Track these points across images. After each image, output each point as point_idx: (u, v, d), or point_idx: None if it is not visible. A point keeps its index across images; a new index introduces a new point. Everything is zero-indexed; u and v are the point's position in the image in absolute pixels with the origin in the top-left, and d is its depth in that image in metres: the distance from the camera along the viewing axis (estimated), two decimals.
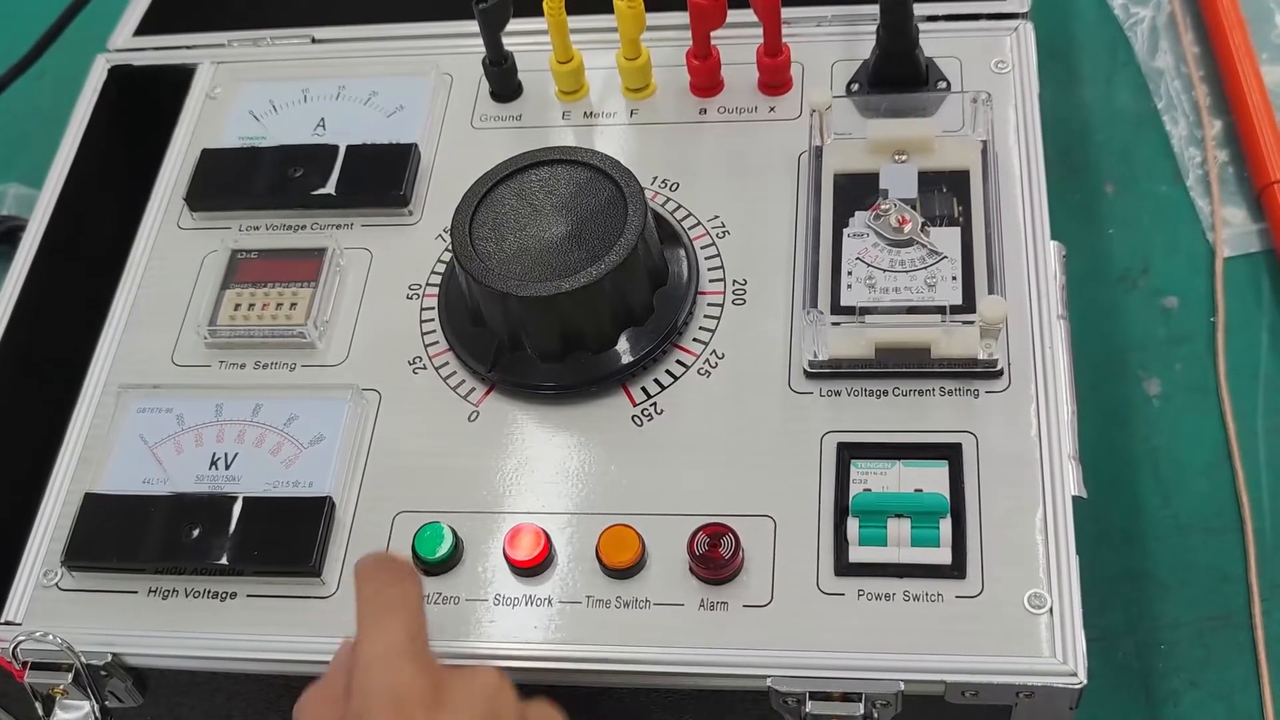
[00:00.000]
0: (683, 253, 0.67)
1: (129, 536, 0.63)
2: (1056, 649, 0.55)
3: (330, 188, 0.73)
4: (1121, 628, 0.70)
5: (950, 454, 0.60)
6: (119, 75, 0.83)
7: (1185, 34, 0.92)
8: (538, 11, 0.73)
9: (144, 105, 0.82)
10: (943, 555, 0.58)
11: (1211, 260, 0.82)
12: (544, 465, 0.63)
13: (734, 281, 0.68)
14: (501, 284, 0.62)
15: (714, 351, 0.65)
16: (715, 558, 0.58)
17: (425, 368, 0.67)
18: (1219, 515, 0.73)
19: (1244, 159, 0.85)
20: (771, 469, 0.61)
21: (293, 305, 0.69)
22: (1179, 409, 0.77)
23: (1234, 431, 0.75)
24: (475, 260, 0.63)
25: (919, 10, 0.72)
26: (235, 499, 0.63)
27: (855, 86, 0.73)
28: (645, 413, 0.64)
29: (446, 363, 0.67)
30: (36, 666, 0.61)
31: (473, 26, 0.74)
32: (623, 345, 0.64)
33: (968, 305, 0.62)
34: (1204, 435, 0.76)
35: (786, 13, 0.71)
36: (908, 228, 0.65)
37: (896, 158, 0.68)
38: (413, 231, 0.72)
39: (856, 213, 0.66)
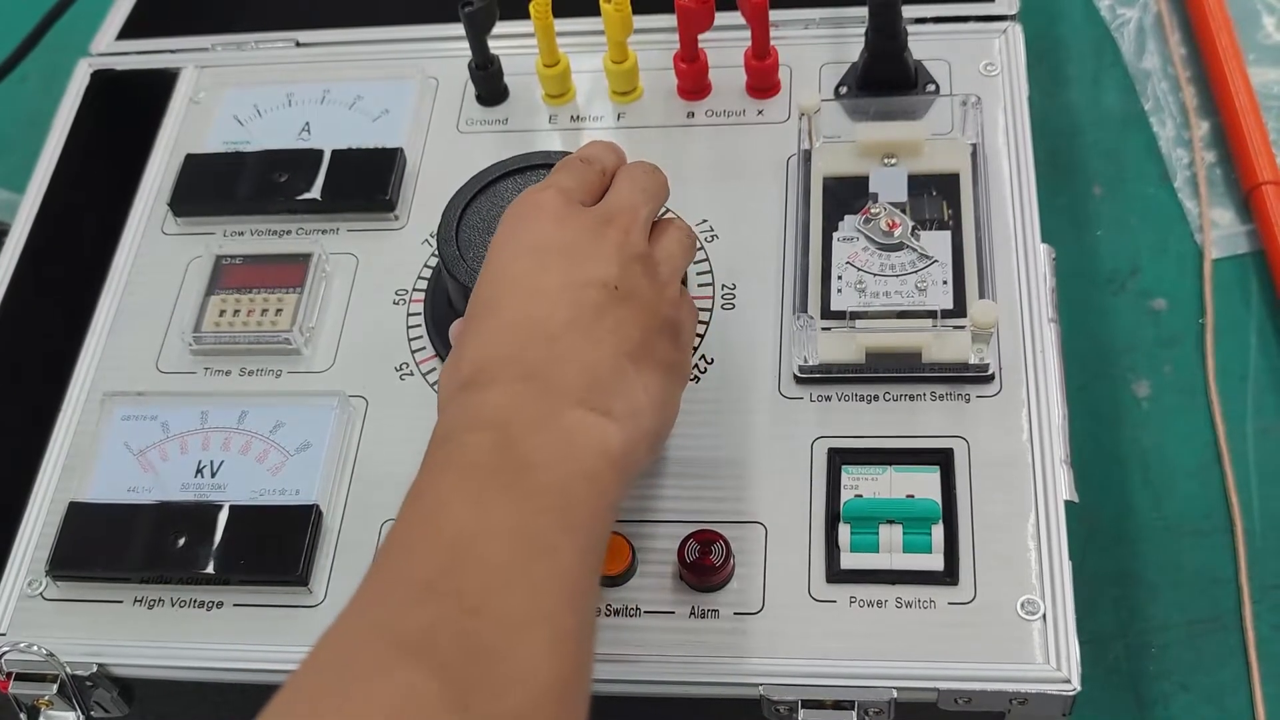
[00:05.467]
0: None
1: (114, 545, 0.62)
2: (1050, 655, 0.55)
3: (315, 192, 0.73)
4: (1112, 630, 0.70)
5: (942, 459, 0.60)
6: (102, 79, 0.82)
7: (1172, 35, 0.91)
8: (524, 14, 0.72)
9: (127, 109, 0.82)
10: (935, 561, 0.57)
11: (1200, 262, 0.82)
12: None
13: (723, 286, 0.67)
14: (471, 280, 0.61)
15: (703, 356, 0.65)
16: (706, 565, 0.58)
17: (412, 374, 0.67)
18: (1209, 517, 0.73)
19: (1232, 160, 0.85)
20: (762, 475, 0.61)
21: (278, 311, 0.69)
22: (1168, 411, 0.77)
23: (1223, 433, 0.75)
24: (454, 250, 0.63)
25: (908, 12, 0.72)
26: (221, 507, 0.62)
27: (844, 89, 0.73)
28: None
29: (434, 368, 0.67)
30: (21, 677, 0.61)
31: (458, 30, 0.74)
32: None
33: (958, 309, 0.62)
34: (1193, 437, 0.76)
35: (774, 15, 0.71)
36: (898, 231, 0.65)
37: (886, 161, 0.68)
38: (399, 236, 0.72)
39: (846, 216, 0.66)
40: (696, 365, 0.65)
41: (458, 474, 0.49)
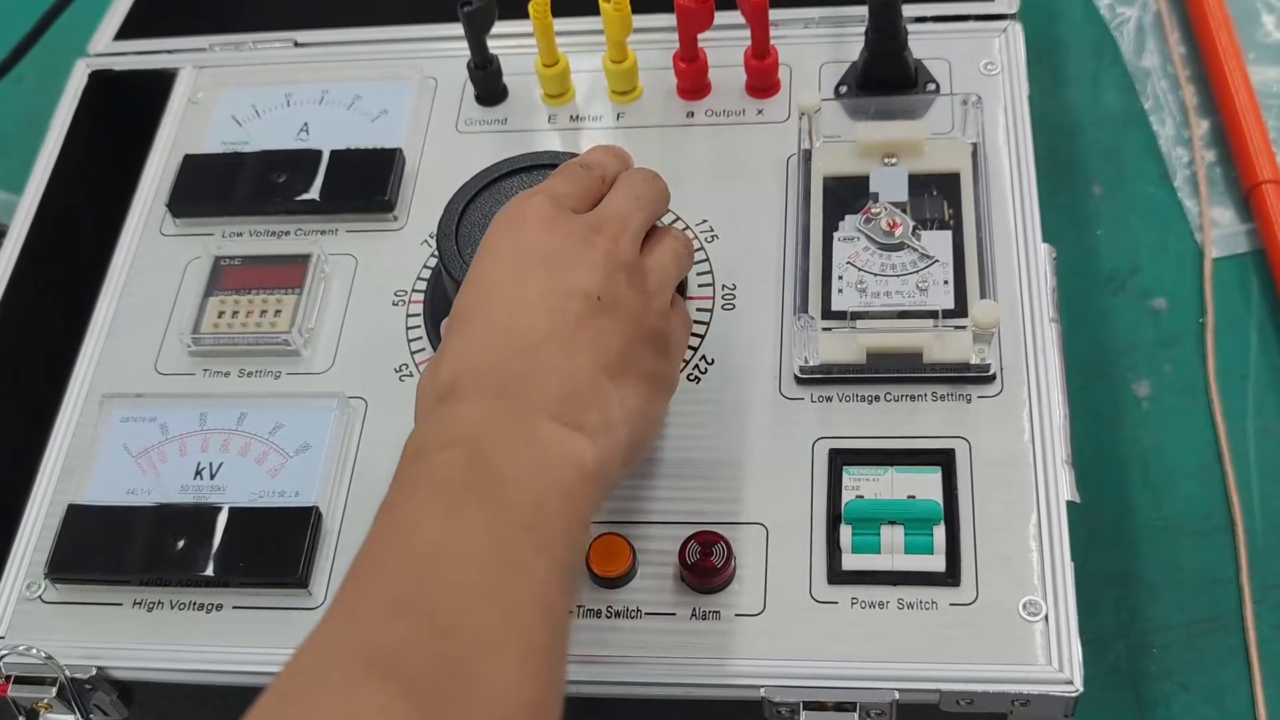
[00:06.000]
0: None
1: (113, 548, 0.62)
2: (1052, 656, 0.55)
3: (314, 193, 0.72)
4: (1112, 630, 0.70)
5: (943, 460, 0.60)
6: (99, 80, 0.82)
7: (1172, 33, 0.91)
8: (523, 14, 0.72)
9: (125, 110, 0.82)
10: (937, 562, 0.57)
11: (1200, 261, 0.82)
12: None
13: (723, 286, 0.67)
14: None
15: (704, 357, 0.65)
16: (707, 566, 0.57)
17: (411, 375, 0.67)
18: (1209, 517, 0.73)
19: (1231, 159, 0.85)
20: (763, 476, 0.61)
21: (277, 312, 0.69)
22: (1168, 410, 0.77)
23: (1224, 432, 0.75)
24: (452, 245, 0.63)
25: (908, 11, 0.72)
26: (220, 509, 0.62)
27: (844, 89, 0.73)
28: None
29: None
30: (20, 680, 0.61)
31: (457, 29, 0.74)
32: None
33: (960, 309, 0.62)
34: (1194, 436, 0.75)
35: (774, 14, 0.71)
36: (898, 231, 0.65)
37: (886, 160, 0.68)
38: (398, 237, 0.72)
39: (846, 216, 0.66)
40: (696, 365, 0.65)
41: (429, 490, 0.49)
